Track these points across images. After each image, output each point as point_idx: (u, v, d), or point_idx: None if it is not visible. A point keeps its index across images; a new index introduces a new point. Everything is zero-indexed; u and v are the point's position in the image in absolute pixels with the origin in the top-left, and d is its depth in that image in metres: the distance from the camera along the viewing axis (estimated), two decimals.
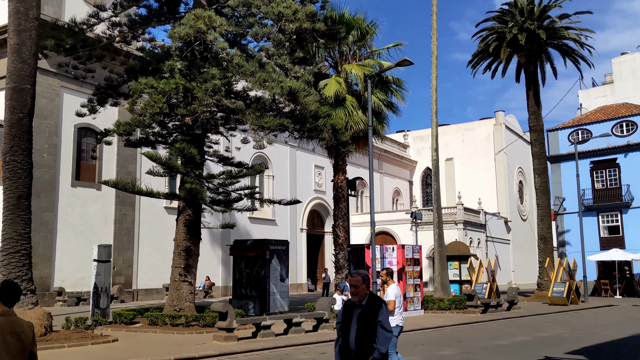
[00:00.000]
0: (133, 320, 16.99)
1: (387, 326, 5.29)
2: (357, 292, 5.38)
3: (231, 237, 29.92)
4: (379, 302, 5.38)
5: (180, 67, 16.92)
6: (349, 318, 5.40)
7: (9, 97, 14.79)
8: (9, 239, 14.44)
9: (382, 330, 5.27)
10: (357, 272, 5.50)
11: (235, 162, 19.22)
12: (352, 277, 5.42)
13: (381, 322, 5.28)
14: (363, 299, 5.39)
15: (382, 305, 5.35)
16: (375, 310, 5.32)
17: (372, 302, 5.38)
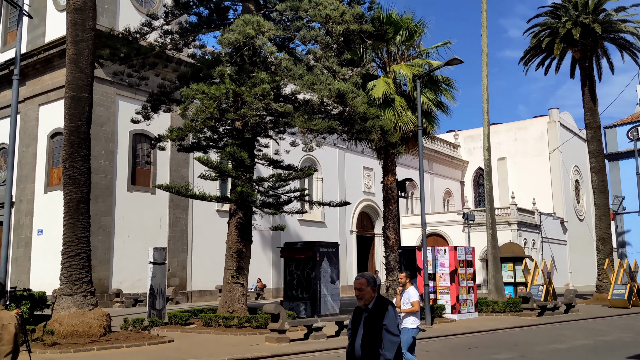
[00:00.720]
0: (188, 321, 17.34)
1: (393, 330, 5.00)
2: (362, 296, 5.15)
3: (281, 240, 30.16)
4: (384, 305, 5.11)
5: (230, 72, 17.19)
6: (357, 323, 5.19)
7: (68, 105, 15.36)
8: (69, 242, 14.98)
9: (387, 334, 4.99)
10: (361, 275, 5.25)
11: (284, 165, 19.37)
12: (356, 280, 5.19)
13: (386, 326, 5.00)
14: (369, 302, 5.15)
15: (388, 308, 5.08)
16: (380, 313, 5.06)
17: (378, 306, 5.12)
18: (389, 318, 5.02)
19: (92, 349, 12.92)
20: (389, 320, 5.02)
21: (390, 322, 5.02)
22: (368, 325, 5.05)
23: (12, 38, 29.03)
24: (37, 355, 11.50)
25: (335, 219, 38.68)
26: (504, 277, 25.97)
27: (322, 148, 21.28)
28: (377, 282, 5.23)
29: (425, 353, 13.51)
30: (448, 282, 21.21)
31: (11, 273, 25.00)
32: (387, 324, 4.99)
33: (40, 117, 27.05)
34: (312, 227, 36.24)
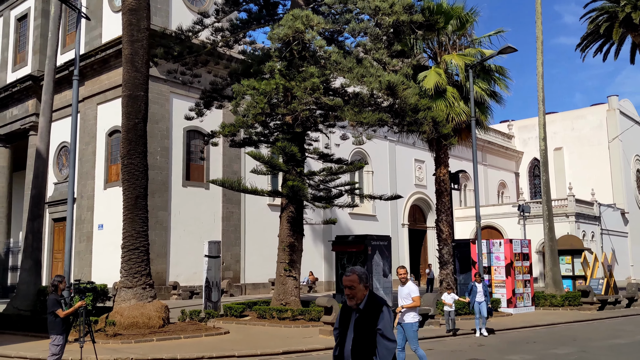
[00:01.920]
0: (242, 313, 17.65)
1: (389, 335, 4.35)
2: (354, 294, 4.49)
3: (332, 233, 30.23)
4: (378, 306, 4.45)
5: (280, 67, 17.32)
6: (345, 324, 4.54)
7: (125, 104, 15.83)
8: (128, 236, 15.47)
9: (383, 340, 4.34)
10: (351, 270, 4.57)
11: (334, 158, 19.39)
12: (347, 276, 4.54)
13: (381, 331, 4.35)
14: (361, 301, 4.49)
15: (383, 310, 4.42)
16: (374, 315, 4.41)
17: (371, 306, 4.46)
18: (384, 321, 4.39)
19: (152, 340, 13.33)
20: (385, 324, 4.39)
21: (385, 326, 4.38)
22: (359, 328, 4.42)
23: (70, 40, 30.09)
24: (100, 346, 11.94)
25: (386, 212, 38.47)
26: (562, 271, 25.25)
27: (372, 141, 21.18)
28: (369, 279, 4.67)
29: (482, 347, 13.31)
30: (504, 276, 20.79)
31: (74, 266, 26.01)
32: (382, 328, 4.37)
33: (98, 115, 27.97)
34: (363, 221, 36.16)
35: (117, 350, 12.13)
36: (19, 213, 33.37)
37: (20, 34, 33.25)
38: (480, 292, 15.25)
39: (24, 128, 30.91)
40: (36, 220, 18.64)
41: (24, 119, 30.94)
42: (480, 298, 15.19)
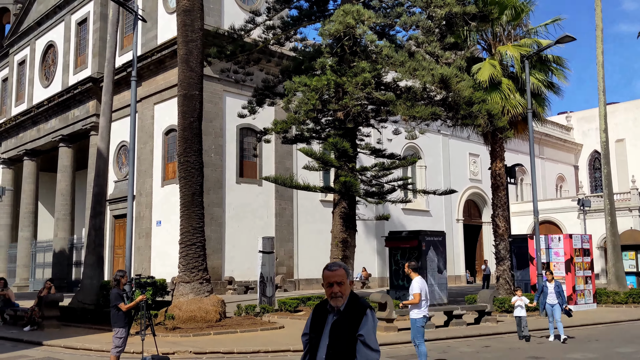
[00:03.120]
0: (297, 308, 17.79)
1: (371, 344, 3.68)
2: (343, 292, 3.82)
3: (385, 229, 30.06)
4: (361, 308, 3.79)
5: (331, 63, 17.32)
6: (319, 328, 3.84)
7: (180, 103, 16.20)
8: (186, 232, 15.84)
9: (364, 349, 3.66)
10: (336, 264, 3.94)
11: (387, 153, 19.27)
12: (332, 271, 3.84)
13: (363, 338, 3.67)
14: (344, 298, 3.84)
15: (367, 313, 3.76)
16: (355, 319, 3.74)
17: (352, 308, 3.79)
18: (368, 327, 3.72)
19: (209, 334, 13.62)
20: (368, 330, 3.71)
21: (368, 333, 3.71)
22: (337, 333, 3.74)
23: (127, 42, 31.00)
24: (160, 339, 12.28)
25: (440, 207, 37.96)
26: (625, 267, 24.27)
27: (425, 135, 20.86)
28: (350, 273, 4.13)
29: (541, 345, 12.97)
30: (563, 272, 20.17)
31: (134, 261, 26.84)
32: (364, 334, 3.68)
33: (155, 115, 28.73)
34: (416, 216, 35.80)
35: (176, 344, 12.45)
36: (81, 210, 34.71)
37: (81, 38, 34.49)
38: (552, 292, 13.76)
39: (85, 128, 32.08)
40: (98, 217, 19.31)
41: (85, 120, 32.10)
42: (553, 300, 13.68)
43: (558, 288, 13.85)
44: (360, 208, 19.81)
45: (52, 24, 36.97)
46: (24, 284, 36.09)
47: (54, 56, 37.00)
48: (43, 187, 39.36)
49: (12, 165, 40.08)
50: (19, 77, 40.79)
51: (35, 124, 36.78)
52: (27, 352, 12.72)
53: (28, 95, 38.57)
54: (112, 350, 9.56)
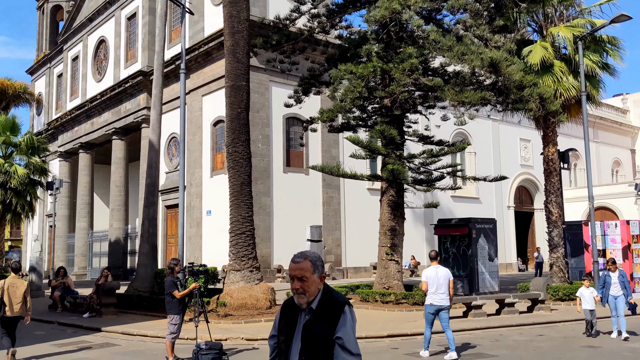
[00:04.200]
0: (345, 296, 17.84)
1: (351, 347, 3.17)
2: (306, 289, 3.27)
3: (434, 216, 29.73)
4: (338, 306, 3.26)
5: (377, 50, 17.17)
6: (289, 330, 3.32)
7: (228, 94, 16.39)
8: (235, 221, 16.09)
9: (343, 354, 3.15)
10: (302, 255, 3.37)
11: (435, 140, 19.00)
12: (295, 263, 3.33)
13: (342, 341, 3.16)
14: (313, 298, 3.28)
15: (345, 311, 3.24)
16: (331, 319, 3.21)
17: (327, 306, 3.25)
18: (346, 327, 3.19)
19: (260, 321, 13.82)
20: (346, 331, 3.18)
21: (347, 334, 3.17)
22: (310, 336, 3.21)
23: (175, 35, 31.54)
24: (213, 325, 12.53)
25: (490, 194, 37.26)
26: None
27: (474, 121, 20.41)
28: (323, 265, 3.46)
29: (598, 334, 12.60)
30: (620, 259, 19.50)
31: (186, 250, 27.48)
32: (342, 337, 3.16)
33: (203, 106, 29.18)
34: (465, 203, 35.26)
35: (228, 330, 12.70)
36: (134, 201, 35.71)
37: (130, 32, 35.30)
38: (615, 283, 12.45)
39: (137, 121, 32.90)
40: (151, 207, 19.82)
41: (137, 113, 32.91)
42: (617, 291, 12.40)
43: (622, 278, 12.60)
44: (408, 196, 19.63)
45: (103, 19, 37.96)
46: (82, 273, 37.49)
47: (105, 51, 38.02)
48: (98, 178, 40.68)
49: (69, 158, 41.55)
50: (73, 73, 42.13)
51: (89, 117, 37.96)
52: (86, 337, 13.23)
53: (82, 90, 39.81)
54: (167, 336, 9.82)
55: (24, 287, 10.29)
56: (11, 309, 10.02)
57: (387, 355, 10.54)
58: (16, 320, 10.24)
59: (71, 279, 20.63)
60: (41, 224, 44.45)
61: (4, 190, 28.22)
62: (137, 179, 34.31)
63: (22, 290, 10.19)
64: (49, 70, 46.53)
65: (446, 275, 10.10)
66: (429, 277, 10.13)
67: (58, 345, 12.25)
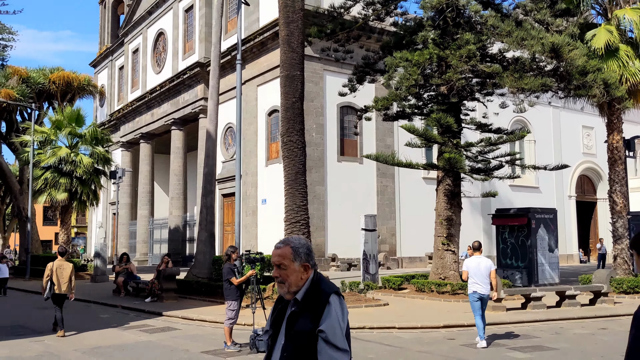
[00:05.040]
0: (401, 286, 17.78)
1: (336, 341, 2.85)
2: (285, 278, 3.02)
3: (492, 206, 29.15)
4: (323, 296, 2.95)
5: (433, 36, 16.90)
6: (278, 323, 3.08)
7: (282, 84, 16.50)
8: (290, 210, 16.24)
9: (327, 348, 2.84)
10: (284, 241, 3.12)
11: (493, 128, 18.58)
12: (276, 249, 3.09)
13: (325, 335, 2.84)
14: (298, 289, 3.01)
15: (330, 302, 2.92)
16: (315, 310, 2.92)
17: (312, 296, 2.97)
18: (331, 320, 2.88)
19: None
20: (331, 324, 2.87)
21: (332, 328, 2.86)
22: (292, 329, 2.94)
23: (231, 26, 31.96)
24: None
25: (550, 183, 36.18)
26: None
27: (534, 108, 19.88)
28: (311, 254, 3.08)
29: None
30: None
31: (242, 238, 28.01)
32: (325, 329, 2.85)
33: (258, 96, 29.52)
34: (524, 193, 34.38)
35: None
36: (193, 190, 36.61)
37: (188, 24, 36.03)
38: None
39: (194, 111, 33.63)
40: (209, 196, 20.26)
41: (194, 103, 33.63)
42: None
43: None
44: (465, 185, 19.31)
45: (162, 12, 38.88)
46: (144, 259, 38.81)
47: (164, 43, 38.96)
48: (158, 168, 41.89)
49: (130, 148, 42.95)
50: (133, 65, 43.41)
51: (149, 108, 39.07)
52: (149, 321, 13.71)
53: (142, 82, 40.99)
54: (226, 321, 10.05)
55: (70, 268, 11.80)
56: (59, 288, 11.61)
57: (443, 346, 10.45)
58: (63, 297, 11.73)
59: (134, 265, 21.39)
60: (105, 212, 46.22)
61: (70, 179, 29.50)
62: (195, 168, 35.14)
63: (68, 271, 11.71)
64: (111, 63, 48.10)
65: (488, 266, 10.30)
66: (469, 267, 10.37)
67: (122, 328, 12.75)
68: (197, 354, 9.81)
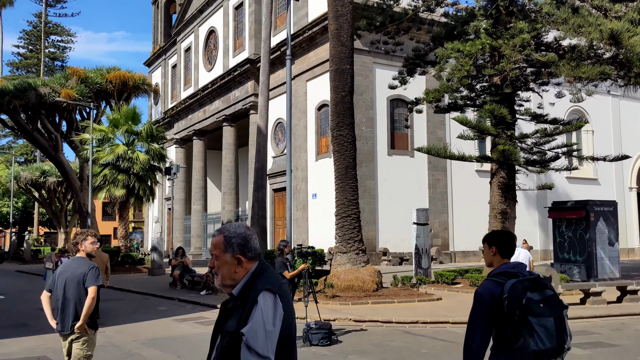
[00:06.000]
0: (454, 280, 17.55)
1: (257, 346, 2.50)
2: (217, 269, 2.76)
3: (547, 199, 28.39)
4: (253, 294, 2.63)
5: (486, 26, 16.56)
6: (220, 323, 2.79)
7: (332, 78, 16.52)
8: (341, 204, 16.28)
9: (246, 352, 2.51)
10: (219, 230, 2.81)
11: (549, 119, 18.08)
12: (212, 237, 2.82)
13: (245, 338, 2.53)
14: (234, 282, 2.73)
15: (259, 300, 2.59)
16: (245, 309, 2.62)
17: (245, 294, 2.67)
18: (255, 320, 2.55)
19: (367, 303, 13.94)
20: (254, 326, 2.54)
21: (252, 330, 2.54)
22: (220, 328, 2.73)
23: (280, 22, 32.18)
24: (321, 306, 12.82)
25: (610, 174, 34.89)
26: None
27: (592, 97, 19.21)
28: (249, 245, 2.75)
29: None
30: None
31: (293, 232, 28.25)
32: (246, 332, 2.53)
33: (307, 91, 29.63)
34: (582, 185, 33.29)
35: (336, 311, 12.93)
36: (244, 185, 37.15)
37: (238, 22, 36.49)
38: None
39: (245, 108, 34.06)
40: (260, 190, 20.53)
41: (245, 100, 34.06)
42: None
43: None
44: (520, 177, 18.87)
45: (212, 10, 39.51)
46: (198, 252, 39.69)
47: (215, 41, 39.61)
48: (210, 164, 42.69)
49: (184, 144, 43.92)
50: (186, 63, 44.33)
51: (201, 105, 39.83)
52: (204, 313, 14.02)
53: (194, 80, 41.82)
54: None
55: (106, 257, 12.76)
56: None
57: None
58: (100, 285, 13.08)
59: (189, 259, 21.89)
60: (160, 207, 47.47)
61: (127, 176, 30.43)
62: (246, 164, 35.61)
63: (104, 260, 12.50)
64: (164, 62, 49.26)
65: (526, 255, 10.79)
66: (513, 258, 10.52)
67: (179, 320, 13.09)
68: None
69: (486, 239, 3.89)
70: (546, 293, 3.40)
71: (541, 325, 3.30)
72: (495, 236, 3.87)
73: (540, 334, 3.28)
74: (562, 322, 3.38)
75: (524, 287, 3.38)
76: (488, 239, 3.88)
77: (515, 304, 3.32)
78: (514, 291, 3.37)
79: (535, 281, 3.46)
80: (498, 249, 3.83)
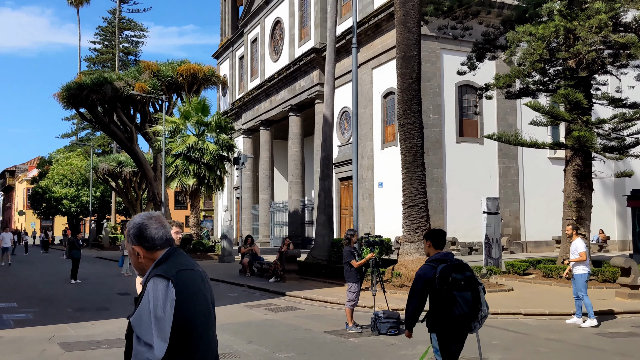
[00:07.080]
0: (526, 271, 17.08)
1: (141, 333, 2.49)
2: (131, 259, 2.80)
3: (626, 187, 27.06)
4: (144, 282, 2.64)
5: (560, 7, 15.87)
6: None
7: (399, 65, 16.32)
8: (408, 193, 16.12)
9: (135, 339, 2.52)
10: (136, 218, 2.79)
11: (628, 103, 17.17)
12: None
13: (132, 325, 2.55)
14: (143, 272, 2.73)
15: (148, 287, 2.56)
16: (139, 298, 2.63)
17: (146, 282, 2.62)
18: (141, 307, 2.54)
19: None
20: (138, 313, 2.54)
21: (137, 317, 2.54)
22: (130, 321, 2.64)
23: (345, 10, 32.05)
24: (389, 295, 12.78)
25: None
26: None
27: None
28: (144, 235, 2.70)
29: None
30: None
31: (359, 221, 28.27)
32: (132, 319, 2.56)
33: (373, 79, 29.43)
34: None
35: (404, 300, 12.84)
36: (310, 174, 37.44)
37: (303, 11, 36.63)
38: None
39: (310, 97, 34.24)
40: (326, 179, 20.63)
41: (310, 89, 34.23)
42: None
43: None
44: (597, 165, 18.07)
45: (278, 1, 39.83)
46: (265, 241, 40.42)
47: (280, 32, 39.96)
48: (277, 153, 43.26)
49: (251, 135, 44.70)
50: (252, 54, 44.99)
51: (267, 96, 40.36)
52: (273, 300, 14.30)
53: (261, 70, 42.39)
54: (347, 303, 10.24)
55: None
56: None
57: (574, 334, 9.94)
58: None
59: (257, 247, 22.35)
60: (229, 196, 48.61)
61: (198, 166, 31.33)
62: (311, 153, 35.84)
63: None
64: (232, 54, 50.18)
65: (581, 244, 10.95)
66: (586, 247, 11.05)
67: (249, 306, 13.41)
68: (320, 333, 10.09)
69: (425, 235, 5.33)
70: (466, 274, 4.86)
71: (461, 297, 4.74)
72: (430, 233, 5.29)
73: (461, 303, 4.74)
74: (477, 295, 4.83)
75: (450, 269, 4.81)
76: (426, 235, 5.31)
77: (444, 281, 4.77)
78: (443, 273, 4.81)
79: (458, 265, 4.89)
80: (432, 243, 5.19)
